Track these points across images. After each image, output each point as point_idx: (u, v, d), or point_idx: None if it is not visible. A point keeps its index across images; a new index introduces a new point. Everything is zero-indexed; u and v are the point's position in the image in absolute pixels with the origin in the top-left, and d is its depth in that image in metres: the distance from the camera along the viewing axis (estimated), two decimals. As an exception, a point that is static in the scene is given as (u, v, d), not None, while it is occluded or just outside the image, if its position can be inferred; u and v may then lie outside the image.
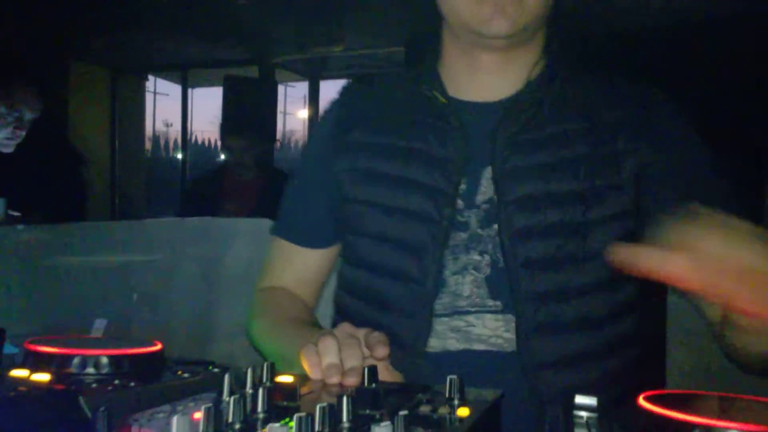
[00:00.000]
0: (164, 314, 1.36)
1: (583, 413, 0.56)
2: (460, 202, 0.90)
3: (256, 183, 3.25)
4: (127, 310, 1.38)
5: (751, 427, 0.44)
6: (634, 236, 0.89)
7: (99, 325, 1.34)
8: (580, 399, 0.58)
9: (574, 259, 0.88)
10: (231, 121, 4.40)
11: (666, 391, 0.59)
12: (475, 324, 0.88)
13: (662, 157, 0.89)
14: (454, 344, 0.89)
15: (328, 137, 1.01)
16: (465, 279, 0.89)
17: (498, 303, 0.88)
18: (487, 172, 0.91)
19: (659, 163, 0.89)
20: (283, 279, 1.05)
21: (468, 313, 0.89)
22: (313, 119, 5.79)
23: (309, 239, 1.03)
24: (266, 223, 1.34)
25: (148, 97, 6.96)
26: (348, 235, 0.99)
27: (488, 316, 0.88)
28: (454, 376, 0.61)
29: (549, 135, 0.90)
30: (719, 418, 0.46)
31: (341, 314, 1.01)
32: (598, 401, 0.58)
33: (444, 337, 0.89)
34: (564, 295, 0.88)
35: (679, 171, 0.89)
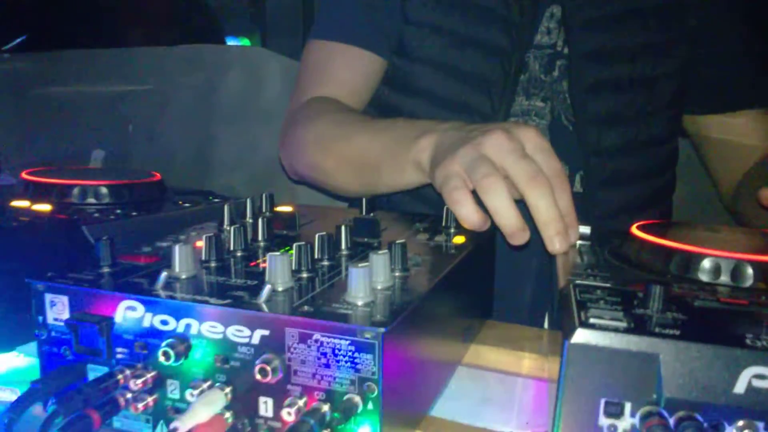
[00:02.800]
0: (161, 145, 1.36)
1: (577, 241, 0.58)
2: None
3: None
4: (125, 142, 1.37)
5: (727, 253, 0.46)
6: (692, 89, 0.92)
7: (97, 156, 1.34)
8: (574, 228, 0.59)
9: (642, 114, 0.87)
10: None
11: (660, 221, 0.60)
12: None
13: (724, 36, 0.90)
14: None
15: None
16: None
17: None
18: (555, 12, 0.85)
19: (715, 33, 0.90)
20: (334, 88, 0.93)
21: None
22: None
23: (373, 41, 0.91)
24: (258, 51, 1.29)
25: None
26: (402, 60, 0.91)
27: None
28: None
29: None
30: (702, 245, 0.47)
31: None
32: (591, 230, 0.59)
33: None
34: (630, 150, 0.88)
35: (731, 54, 0.91)
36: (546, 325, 0.84)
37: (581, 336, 0.35)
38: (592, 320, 0.36)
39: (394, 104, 0.93)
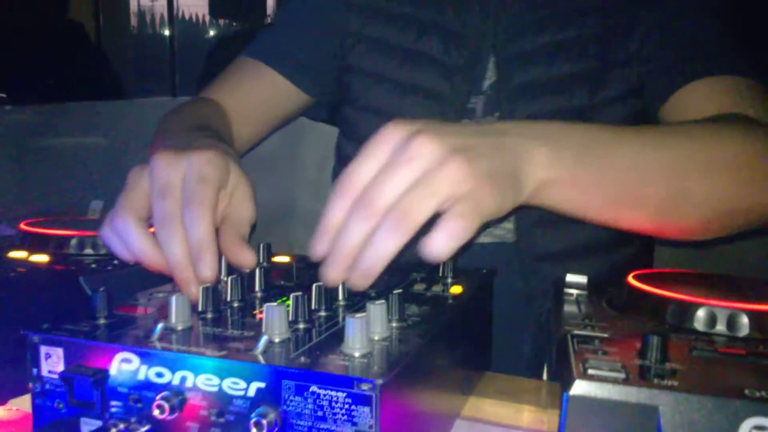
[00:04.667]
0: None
1: (573, 291, 0.58)
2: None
3: None
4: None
5: (723, 302, 0.46)
6: (640, 116, 0.85)
7: (95, 207, 1.34)
8: (570, 277, 0.59)
9: None
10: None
11: (656, 270, 0.60)
12: None
13: (670, 21, 0.82)
14: None
15: None
16: None
17: None
18: (492, 56, 0.84)
19: (666, 28, 0.82)
20: (231, 99, 0.91)
21: None
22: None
23: (290, 68, 0.91)
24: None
25: (131, -31, 6.59)
26: (348, 108, 0.93)
27: None
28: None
29: (558, 11, 0.82)
30: (698, 294, 0.47)
31: None
32: (588, 279, 0.59)
33: None
34: None
35: (688, 37, 0.81)
36: (545, 376, 0.83)
37: (580, 388, 0.34)
38: (590, 371, 0.36)
39: (350, 154, 0.91)
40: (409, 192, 0.46)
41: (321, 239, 0.49)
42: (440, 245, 0.45)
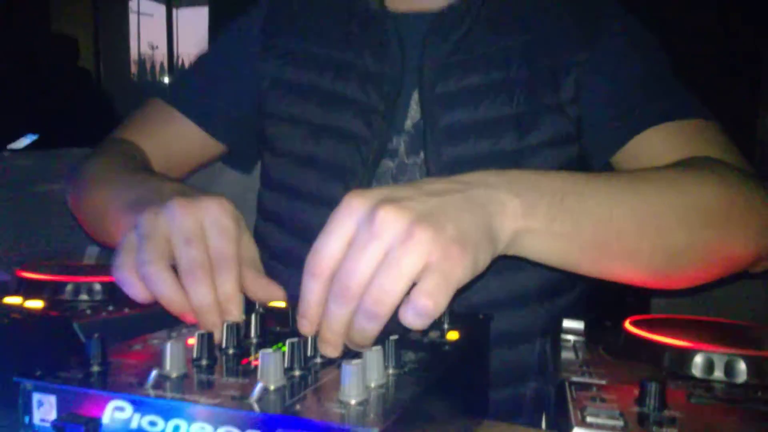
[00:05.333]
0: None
1: (571, 337, 0.58)
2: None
3: None
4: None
5: (720, 348, 0.46)
6: (576, 162, 0.83)
7: (91, 252, 1.34)
8: (567, 323, 0.59)
9: None
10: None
11: (654, 316, 0.60)
12: None
13: (603, 69, 0.80)
14: None
15: (253, 35, 0.91)
16: None
17: None
18: (416, 95, 0.82)
19: (600, 75, 0.80)
20: (146, 142, 0.91)
21: None
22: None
23: (199, 113, 0.91)
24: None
25: (132, 19, 6.73)
26: (267, 154, 0.91)
27: None
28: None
29: (483, 54, 0.81)
30: (695, 340, 0.47)
31: (260, 244, 0.84)
32: (585, 325, 0.59)
33: None
34: None
35: (621, 84, 0.80)
36: (543, 424, 0.82)
37: (578, 435, 0.34)
38: (589, 419, 0.35)
39: (273, 200, 0.92)
40: (378, 274, 0.46)
41: (305, 321, 0.50)
42: (412, 322, 0.46)
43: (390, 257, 0.46)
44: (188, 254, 0.54)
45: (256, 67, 0.89)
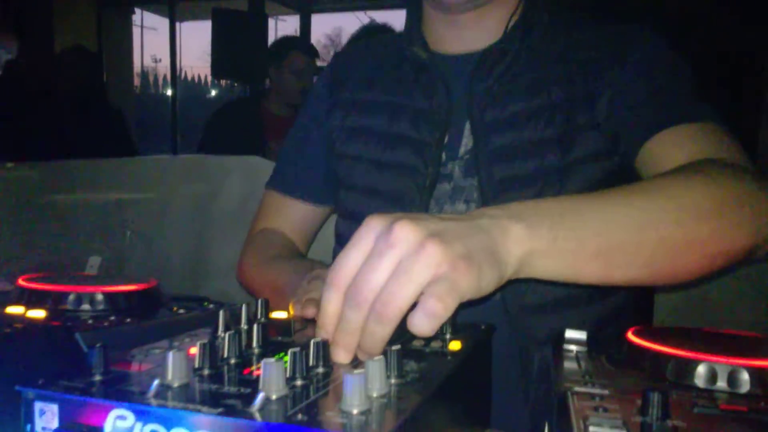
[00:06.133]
0: (158, 252, 1.37)
1: (573, 347, 0.58)
2: (444, 155, 0.92)
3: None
4: (121, 248, 1.38)
5: (723, 358, 0.45)
6: (616, 175, 0.88)
7: (93, 263, 1.34)
8: (570, 333, 0.59)
9: None
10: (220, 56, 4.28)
11: (655, 326, 0.60)
12: None
13: (633, 82, 0.88)
14: None
15: (322, 97, 1.06)
16: None
17: None
18: (468, 124, 0.92)
19: (630, 88, 0.87)
20: (276, 226, 1.09)
21: None
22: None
23: (302, 192, 1.08)
24: (257, 160, 1.33)
25: (135, 32, 6.78)
26: (341, 190, 1.03)
27: None
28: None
29: (524, 84, 0.91)
30: (698, 350, 0.47)
31: None
32: (587, 336, 0.59)
33: None
34: None
35: (651, 93, 0.87)
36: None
37: (581, 445, 0.34)
38: (591, 429, 0.35)
39: (341, 231, 1.03)
40: (390, 280, 0.50)
41: (323, 327, 0.54)
42: (420, 324, 0.48)
43: (402, 265, 0.50)
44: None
45: (326, 122, 1.04)
